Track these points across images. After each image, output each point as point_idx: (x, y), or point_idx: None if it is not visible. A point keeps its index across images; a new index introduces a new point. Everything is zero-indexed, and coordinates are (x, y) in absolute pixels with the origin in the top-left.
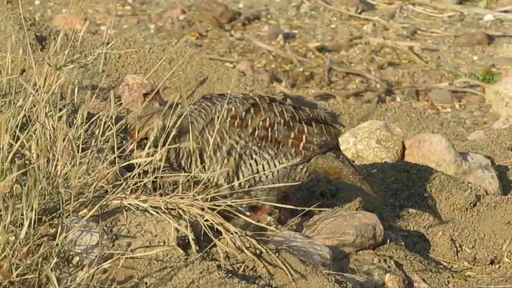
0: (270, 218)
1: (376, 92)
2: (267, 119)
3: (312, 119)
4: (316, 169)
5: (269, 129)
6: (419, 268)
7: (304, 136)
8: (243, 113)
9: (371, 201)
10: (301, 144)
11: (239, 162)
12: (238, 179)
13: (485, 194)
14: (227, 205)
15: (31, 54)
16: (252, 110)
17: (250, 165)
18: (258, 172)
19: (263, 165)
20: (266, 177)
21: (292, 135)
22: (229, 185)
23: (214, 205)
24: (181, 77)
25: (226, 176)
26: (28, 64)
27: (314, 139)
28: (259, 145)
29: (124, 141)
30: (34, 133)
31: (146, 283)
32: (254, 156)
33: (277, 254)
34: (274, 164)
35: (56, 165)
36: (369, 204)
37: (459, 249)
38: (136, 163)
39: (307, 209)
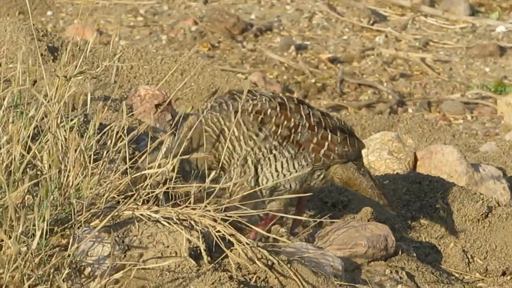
0: (282, 229)
1: (388, 104)
2: (292, 119)
3: (338, 128)
4: (335, 178)
5: (293, 130)
6: (431, 279)
7: (326, 143)
8: (269, 110)
9: (383, 212)
10: (322, 151)
11: (258, 157)
12: (256, 173)
13: (496, 205)
14: (238, 216)
15: (43, 64)
16: (278, 108)
17: (269, 159)
18: (276, 169)
19: (282, 162)
20: (284, 176)
21: (315, 140)
22: (243, 179)
23: (226, 216)
24: (193, 88)
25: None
26: (40, 75)
27: (336, 148)
28: (279, 141)
29: (135, 152)
30: (46, 144)
31: None
32: (273, 151)
33: (289, 265)
34: (293, 164)
35: (68, 175)
36: (381, 215)
37: (470, 260)
38: (148, 174)
39: (319, 220)
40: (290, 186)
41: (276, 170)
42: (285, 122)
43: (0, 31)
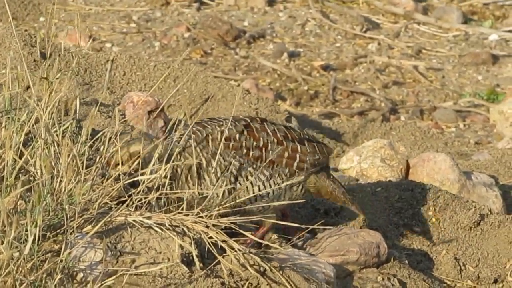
0: (274, 235)
1: (380, 111)
2: (261, 139)
3: (304, 138)
4: (309, 188)
5: (263, 149)
6: (423, 287)
7: (297, 155)
8: (237, 135)
9: (375, 220)
10: (295, 164)
11: (235, 184)
12: (234, 200)
13: (489, 213)
14: (231, 223)
15: (36, 70)
16: (245, 132)
17: (246, 187)
18: (253, 192)
19: (258, 186)
20: (262, 198)
21: (286, 154)
22: (223, 203)
23: (218, 222)
24: (186, 94)
25: (221, 197)
26: (32, 80)
27: (308, 158)
28: (254, 166)
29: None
30: (38, 149)
31: None
32: (249, 178)
33: (281, 272)
34: (270, 185)
35: (60, 181)
36: (373, 223)
37: (462, 268)
38: (141, 180)
39: (311, 227)
40: (270, 206)
41: (255, 196)
42: (255, 143)
43: None
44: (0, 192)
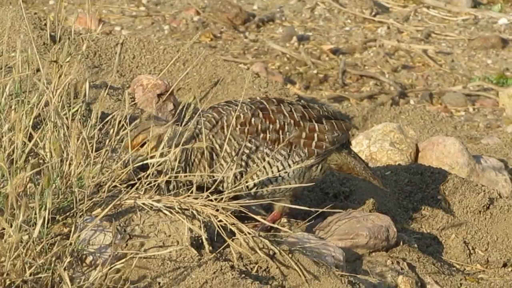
0: (284, 219)
1: (390, 95)
2: (277, 121)
3: (322, 116)
4: (331, 165)
5: (280, 132)
6: (432, 270)
7: (315, 135)
8: (252, 119)
9: (384, 203)
10: (313, 143)
11: (251, 166)
12: (252, 181)
13: (498, 197)
14: (241, 206)
15: (46, 53)
16: (260, 115)
17: (264, 167)
18: (273, 174)
19: (277, 166)
20: (282, 178)
21: (304, 135)
22: (240, 185)
23: (228, 205)
24: (195, 78)
25: (237, 179)
26: (42, 63)
27: (326, 137)
28: (270, 147)
29: None
30: (48, 132)
31: (159, 283)
32: (266, 158)
33: (290, 255)
34: (289, 165)
35: (70, 164)
36: (382, 206)
37: (472, 251)
38: (150, 163)
39: (320, 210)
40: (290, 184)
41: (274, 176)
42: (271, 126)
43: (2, 19)
44: (9, 175)
